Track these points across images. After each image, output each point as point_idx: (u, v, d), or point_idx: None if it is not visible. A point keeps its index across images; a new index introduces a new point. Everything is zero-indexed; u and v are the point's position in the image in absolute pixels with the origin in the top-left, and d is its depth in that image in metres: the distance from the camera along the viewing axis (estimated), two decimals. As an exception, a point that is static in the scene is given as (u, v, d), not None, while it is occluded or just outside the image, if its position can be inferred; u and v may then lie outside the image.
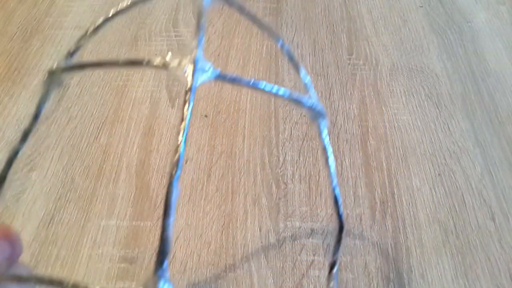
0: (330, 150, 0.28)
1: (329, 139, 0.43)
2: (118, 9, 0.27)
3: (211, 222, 0.38)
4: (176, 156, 0.20)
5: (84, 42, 0.28)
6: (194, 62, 0.22)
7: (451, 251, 0.36)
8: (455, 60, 0.51)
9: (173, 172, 0.19)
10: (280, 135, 0.44)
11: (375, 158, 0.42)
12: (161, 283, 0.17)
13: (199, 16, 0.24)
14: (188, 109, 0.21)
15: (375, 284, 0.34)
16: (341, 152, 0.42)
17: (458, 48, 0.52)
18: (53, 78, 0.27)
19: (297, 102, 0.25)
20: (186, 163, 0.41)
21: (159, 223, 0.37)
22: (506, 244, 0.36)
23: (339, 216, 0.29)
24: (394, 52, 0.52)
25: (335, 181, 0.29)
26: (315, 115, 0.27)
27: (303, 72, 0.30)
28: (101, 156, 0.42)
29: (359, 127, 0.45)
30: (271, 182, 0.40)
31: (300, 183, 0.40)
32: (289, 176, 0.41)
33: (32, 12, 0.57)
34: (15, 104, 0.46)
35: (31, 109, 0.46)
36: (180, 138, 0.20)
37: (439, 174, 0.41)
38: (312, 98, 0.28)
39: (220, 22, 0.56)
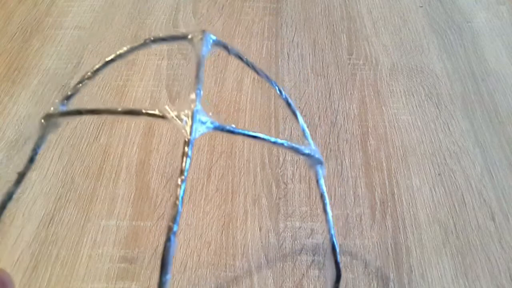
0: (327, 197, 0.29)
1: (329, 142, 0.43)
2: (117, 54, 0.27)
3: (211, 222, 0.38)
4: (174, 210, 0.20)
5: (82, 87, 0.30)
6: (193, 115, 0.22)
7: (451, 251, 0.36)
8: (455, 60, 0.51)
9: (171, 225, 0.19)
10: (280, 135, 0.44)
11: (375, 158, 0.42)
12: None
13: (197, 66, 0.25)
14: (186, 162, 0.21)
15: (375, 284, 0.34)
16: (341, 152, 0.42)
17: (458, 48, 0.52)
18: (50, 121, 0.28)
19: (296, 151, 0.26)
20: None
21: (159, 223, 0.37)
22: (506, 244, 0.36)
23: (337, 265, 0.28)
24: (394, 52, 0.52)
25: (332, 230, 0.29)
26: (313, 162, 0.28)
27: (300, 120, 0.30)
28: (101, 156, 0.42)
29: (359, 127, 0.45)
30: (271, 182, 0.40)
31: (300, 183, 0.40)
32: (289, 176, 0.41)
33: (32, 12, 0.57)
34: (15, 104, 0.46)
35: (31, 109, 0.46)
36: (179, 192, 0.21)
37: (439, 174, 0.41)
38: (310, 145, 0.28)
39: (220, 22, 0.56)
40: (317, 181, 0.28)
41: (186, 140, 0.23)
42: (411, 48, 0.52)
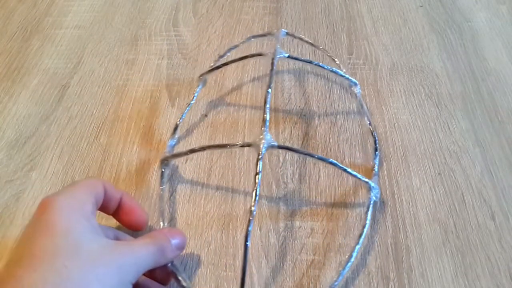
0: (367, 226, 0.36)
1: (329, 141, 0.43)
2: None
3: (211, 221, 0.38)
4: (248, 218, 0.30)
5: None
6: (265, 141, 0.34)
7: (451, 250, 0.36)
8: (455, 60, 0.51)
9: (248, 224, 0.30)
10: (280, 134, 0.44)
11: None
12: None
13: (265, 101, 0.36)
14: (258, 177, 0.32)
15: (375, 284, 0.34)
16: (341, 152, 0.42)
17: (458, 47, 0.52)
18: (165, 163, 0.40)
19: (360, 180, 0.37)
20: (186, 162, 0.41)
21: (159, 222, 0.37)
22: (506, 243, 0.36)
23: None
24: (394, 52, 0.52)
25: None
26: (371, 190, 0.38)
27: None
28: (101, 156, 0.42)
29: (359, 126, 0.45)
30: (271, 182, 0.40)
31: (300, 183, 0.40)
32: (289, 176, 0.41)
33: (32, 12, 0.57)
34: (15, 103, 0.46)
35: (31, 109, 0.46)
36: (252, 205, 0.31)
37: (439, 174, 0.41)
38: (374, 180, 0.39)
39: (220, 21, 0.56)
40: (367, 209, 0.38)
41: (258, 157, 0.33)
42: (411, 47, 0.52)
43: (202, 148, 0.37)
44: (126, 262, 0.26)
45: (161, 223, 0.37)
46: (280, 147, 0.35)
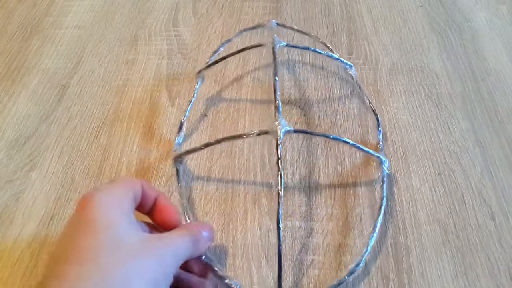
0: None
1: (329, 141, 0.43)
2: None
3: (211, 221, 0.38)
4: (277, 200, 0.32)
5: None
6: (281, 127, 0.35)
7: (451, 250, 0.36)
8: (455, 60, 0.51)
9: (278, 208, 0.32)
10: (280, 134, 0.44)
11: (375, 158, 0.42)
12: None
13: (274, 89, 0.37)
14: (280, 162, 0.33)
15: (375, 284, 0.34)
16: (341, 152, 0.42)
17: (458, 47, 0.52)
18: (178, 161, 0.40)
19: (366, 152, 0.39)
20: (186, 162, 0.41)
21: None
22: (506, 243, 0.36)
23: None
24: (394, 52, 0.52)
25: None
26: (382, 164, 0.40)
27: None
28: (101, 156, 0.42)
29: (359, 126, 0.45)
30: (271, 182, 0.40)
31: (300, 183, 0.40)
32: (289, 176, 0.41)
33: (32, 12, 0.57)
34: (15, 103, 0.46)
35: (31, 109, 0.46)
36: (279, 188, 0.32)
37: (439, 174, 0.41)
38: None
39: (220, 21, 0.56)
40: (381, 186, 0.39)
41: (278, 143, 0.34)
42: (411, 47, 0.52)
43: (217, 141, 0.37)
44: (165, 254, 0.27)
45: (187, 219, 0.37)
46: (296, 131, 0.36)
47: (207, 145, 0.37)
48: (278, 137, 0.34)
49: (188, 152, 0.39)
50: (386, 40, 0.53)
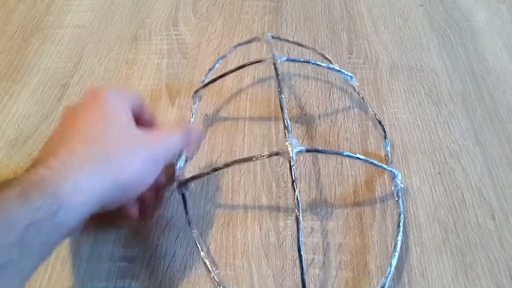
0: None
1: (329, 141, 0.43)
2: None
3: (211, 221, 0.38)
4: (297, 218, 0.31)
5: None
6: (292, 147, 0.33)
7: (451, 249, 0.36)
8: (455, 59, 0.51)
9: (298, 234, 0.30)
10: (280, 134, 0.44)
11: (375, 157, 0.42)
12: None
13: (281, 108, 0.36)
14: (296, 184, 0.32)
15: (375, 283, 0.34)
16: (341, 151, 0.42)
17: (458, 47, 0.52)
18: (184, 187, 0.37)
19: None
20: (186, 162, 0.41)
21: (159, 222, 0.37)
22: (506, 242, 0.36)
23: None
24: (394, 51, 0.52)
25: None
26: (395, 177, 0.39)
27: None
28: (101, 155, 0.42)
29: (359, 126, 0.45)
30: (271, 181, 0.40)
31: (300, 182, 0.40)
32: (289, 175, 0.41)
33: (32, 11, 0.57)
34: (15, 103, 0.46)
35: (31, 108, 0.46)
36: (297, 214, 0.31)
37: (439, 173, 0.41)
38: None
39: (220, 21, 0.56)
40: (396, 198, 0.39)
41: (291, 164, 0.32)
42: (411, 47, 0.52)
43: (226, 165, 0.35)
44: (157, 147, 0.31)
45: (200, 251, 0.35)
46: (308, 150, 0.34)
47: (214, 170, 0.35)
48: (291, 158, 0.32)
49: (194, 177, 0.36)
50: (386, 39, 0.53)
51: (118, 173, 0.28)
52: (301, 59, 0.47)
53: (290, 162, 0.32)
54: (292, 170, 0.32)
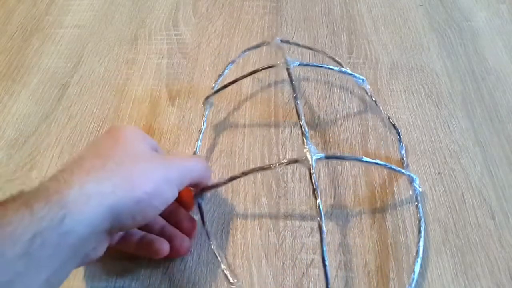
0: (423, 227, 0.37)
1: (329, 141, 0.43)
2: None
3: (211, 221, 0.38)
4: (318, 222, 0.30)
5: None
6: (311, 154, 0.32)
7: (451, 249, 0.36)
8: (455, 59, 0.51)
9: (321, 244, 0.30)
10: (280, 134, 0.44)
11: (375, 157, 0.42)
12: None
13: (298, 115, 0.36)
14: (317, 193, 0.31)
15: (375, 283, 0.34)
16: (341, 151, 0.42)
17: (458, 47, 0.52)
18: (200, 197, 0.36)
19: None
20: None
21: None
22: (506, 242, 0.36)
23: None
24: (394, 51, 0.52)
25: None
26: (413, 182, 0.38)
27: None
28: (101, 155, 0.42)
29: (359, 126, 0.45)
30: (271, 181, 0.40)
31: (300, 182, 0.40)
32: (289, 175, 0.41)
33: (32, 11, 0.57)
34: (15, 102, 0.46)
35: (31, 108, 0.46)
36: (320, 223, 0.30)
37: (439, 173, 0.41)
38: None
39: (220, 21, 0.56)
40: (416, 203, 0.38)
41: (309, 169, 0.32)
42: (411, 47, 0.52)
43: (244, 173, 0.34)
44: (171, 167, 0.30)
45: (220, 261, 0.34)
46: (328, 157, 0.33)
47: (232, 178, 0.34)
48: (310, 166, 0.32)
49: (210, 187, 0.36)
50: (386, 39, 0.53)
51: (128, 184, 0.27)
52: (314, 64, 0.46)
53: (310, 169, 0.32)
54: (312, 177, 0.31)
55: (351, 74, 0.44)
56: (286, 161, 0.33)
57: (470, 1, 0.58)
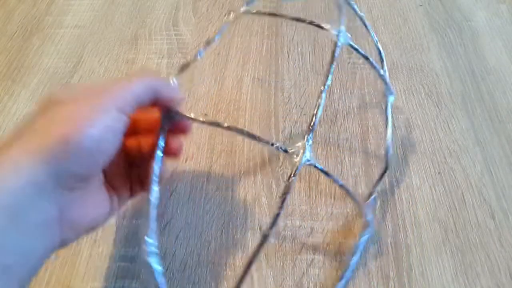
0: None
1: (329, 141, 0.43)
2: None
3: (211, 221, 0.38)
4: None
5: None
6: (303, 155, 0.30)
7: (451, 249, 0.36)
8: (455, 59, 0.51)
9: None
10: (280, 134, 0.44)
11: (375, 157, 0.42)
12: None
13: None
14: (292, 180, 0.29)
15: (375, 283, 0.34)
16: (341, 151, 0.42)
17: (458, 46, 0.52)
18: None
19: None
20: (185, 161, 0.41)
21: (159, 221, 0.37)
22: (506, 242, 0.36)
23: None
24: (394, 51, 0.52)
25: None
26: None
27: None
28: (101, 155, 0.42)
29: (359, 126, 0.45)
30: (271, 181, 0.40)
31: (300, 182, 0.40)
32: (289, 175, 0.41)
33: (32, 11, 0.57)
34: (15, 102, 0.46)
35: (31, 108, 0.46)
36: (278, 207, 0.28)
37: (439, 173, 0.41)
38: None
39: (220, 21, 0.56)
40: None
41: (294, 168, 0.30)
42: (411, 46, 0.52)
43: (228, 128, 0.31)
44: (121, 90, 0.27)
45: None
46: (315, 166, 0.31)
47: (213, 123, 0.32)
48: (296, 166, 0.29)
49: (185, 116, 0.31)
50: (386, 39, 0.53)
51: (59, 128, 0.25)
52: (362, 53, 0.38)
53: (294, 169, 0.29)
54: (291, 179, 0.29)
55: (386, 83, 0.39)
56: (278, 145, 0.30)
57: (470, 1, 0.58)
